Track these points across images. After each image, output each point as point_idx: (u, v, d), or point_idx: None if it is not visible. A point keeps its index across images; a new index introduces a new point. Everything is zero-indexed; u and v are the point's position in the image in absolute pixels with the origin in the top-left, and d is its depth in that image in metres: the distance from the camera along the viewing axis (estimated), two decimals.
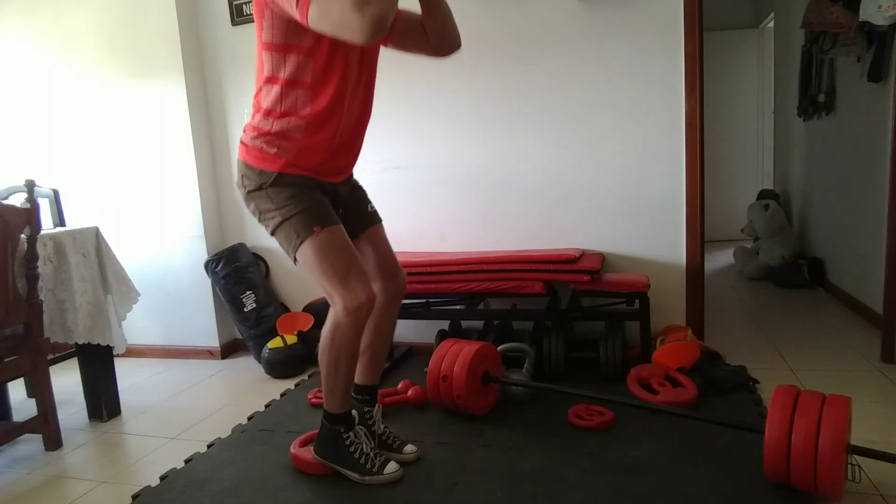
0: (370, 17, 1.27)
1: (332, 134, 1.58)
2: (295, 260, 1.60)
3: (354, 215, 1.76)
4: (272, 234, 1.61)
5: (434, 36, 1.61)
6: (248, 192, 1.61)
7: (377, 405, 1.84)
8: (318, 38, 1.44)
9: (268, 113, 1.56)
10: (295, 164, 1.57)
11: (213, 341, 3.09)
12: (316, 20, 1.34)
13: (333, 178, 1.67)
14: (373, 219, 1.81)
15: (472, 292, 2.43)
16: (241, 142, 1.63)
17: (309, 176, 1.59)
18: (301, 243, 1.55)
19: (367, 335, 1.78)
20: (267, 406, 2.33)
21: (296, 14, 1.37)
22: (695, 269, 2.53)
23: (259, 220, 1.63)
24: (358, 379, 1.83)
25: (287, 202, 1.56)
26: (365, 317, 1.58)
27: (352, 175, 1.79)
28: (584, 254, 2.50)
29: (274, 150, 1.56)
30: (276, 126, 1.55)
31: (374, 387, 1.85)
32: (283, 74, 1.51)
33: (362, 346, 1.78)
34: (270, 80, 1.54)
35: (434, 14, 1.58)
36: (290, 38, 1.48)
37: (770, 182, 5.22)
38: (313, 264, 1.56)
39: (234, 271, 2.90)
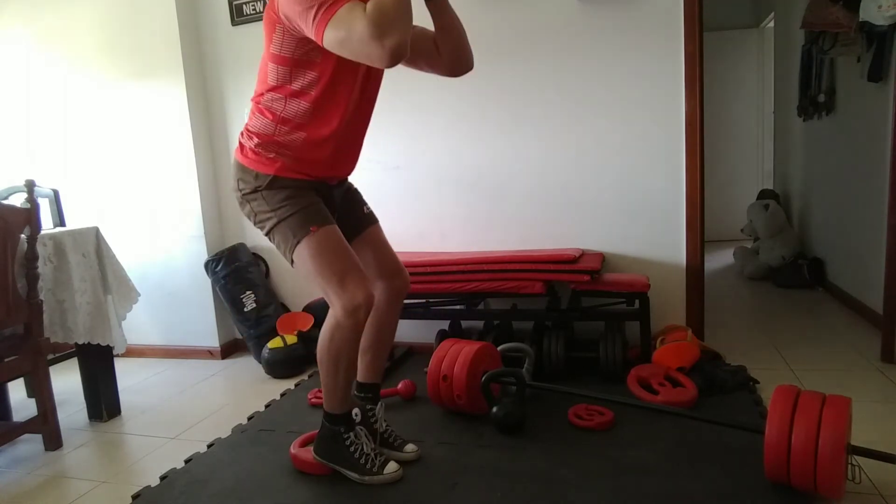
0: (389, 48, 1.26)
1: (333, 144, 1.58)
2: (292, 262, 1.59)
3: (351, 217, 1.76)
4: (268, 235, 1.61)
5: (447, 56, 1.61)
6: (244, 195, 1.61)
7: (380, 403, 1.85)
8: (327, 55, 1.43)
9: (268, 118, 1.56)
10: (291, 168, 1.57)
11: (213, 341, 3.09)
12: (333, 45, 1.33)
13: (329, 181, 1.68)
14: (369, 220, 1.81)
15: (472, 292, 2.43)
16: (240, 142, 1.64)
17: (304, 179, 1.59)
18: (297, 243, 1.55)
19: (369, 334, 1.78)
20: (267, 406, 2.33)
21: (311, 34, 1.36)
22: (695, 269, 2.53)
23: (254, 223, 1.63)
24: (360, 377, 1.84)
25: (282, 203, 1.56)
26: (364, 318, 1.57)
27: (346, 178, 1.79)
28: (584, 254, 2.50)
29: (272, 154, 1.57)
30: (276, 133, 1.55)
31: (376, 385, 1.86)
32: (289, 86, 1.52)
33: (364, 344, 1.79)
34: (274, 89, 1.54)
35: (448, 32, 1.58)
36: (298, 54, 1.48)
37: (770, 182, 5.21)
38: (310, 265, 1.56)
39: (234, 271, 2.90)
